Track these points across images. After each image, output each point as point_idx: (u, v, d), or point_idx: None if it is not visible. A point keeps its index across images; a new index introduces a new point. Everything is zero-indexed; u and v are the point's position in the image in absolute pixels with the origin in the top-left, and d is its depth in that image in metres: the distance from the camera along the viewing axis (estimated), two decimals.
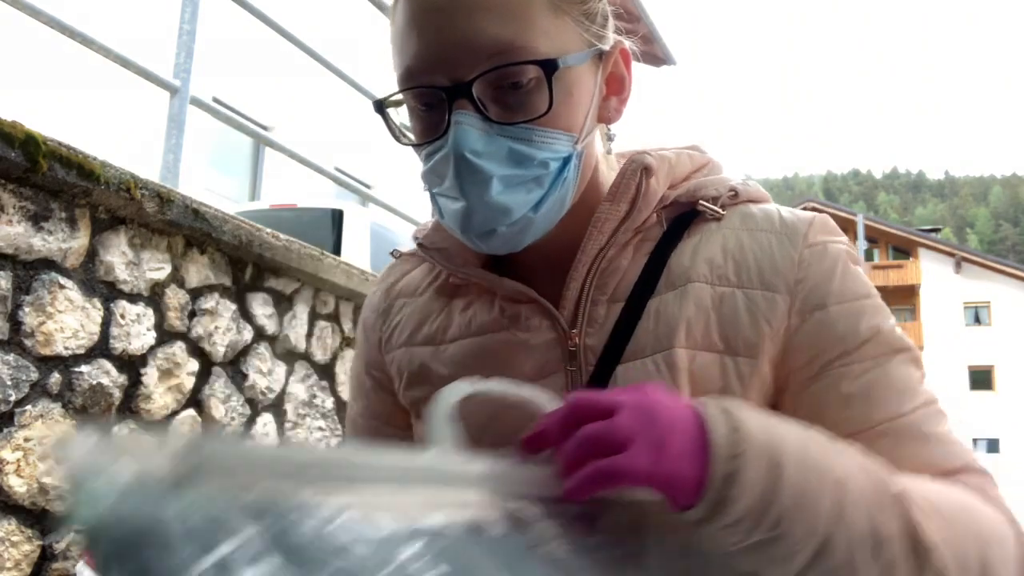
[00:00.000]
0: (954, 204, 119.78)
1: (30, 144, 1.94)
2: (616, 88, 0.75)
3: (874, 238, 34.49)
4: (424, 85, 0.68)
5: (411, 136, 0.72)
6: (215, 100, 3.98)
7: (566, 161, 0.69)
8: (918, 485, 0.64)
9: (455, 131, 0.66)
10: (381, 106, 0.72)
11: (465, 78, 0.66)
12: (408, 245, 0.87)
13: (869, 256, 34.51)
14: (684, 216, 0.76)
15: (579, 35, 0.70)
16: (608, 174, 0.78)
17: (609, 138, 0.79)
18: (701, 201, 0.76)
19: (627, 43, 0.76)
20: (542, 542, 0.58)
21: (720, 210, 0.76)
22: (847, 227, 35.79)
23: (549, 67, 0.66)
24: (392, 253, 0.87)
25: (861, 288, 0.72)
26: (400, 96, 0.71)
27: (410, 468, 0.56)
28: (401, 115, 0.74)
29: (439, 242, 0.80)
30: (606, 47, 0.73)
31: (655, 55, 17.40)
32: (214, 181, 8.80)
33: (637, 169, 0.74)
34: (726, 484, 0.56)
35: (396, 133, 0.73)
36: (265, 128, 7.99)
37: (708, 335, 0.71)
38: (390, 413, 0.85)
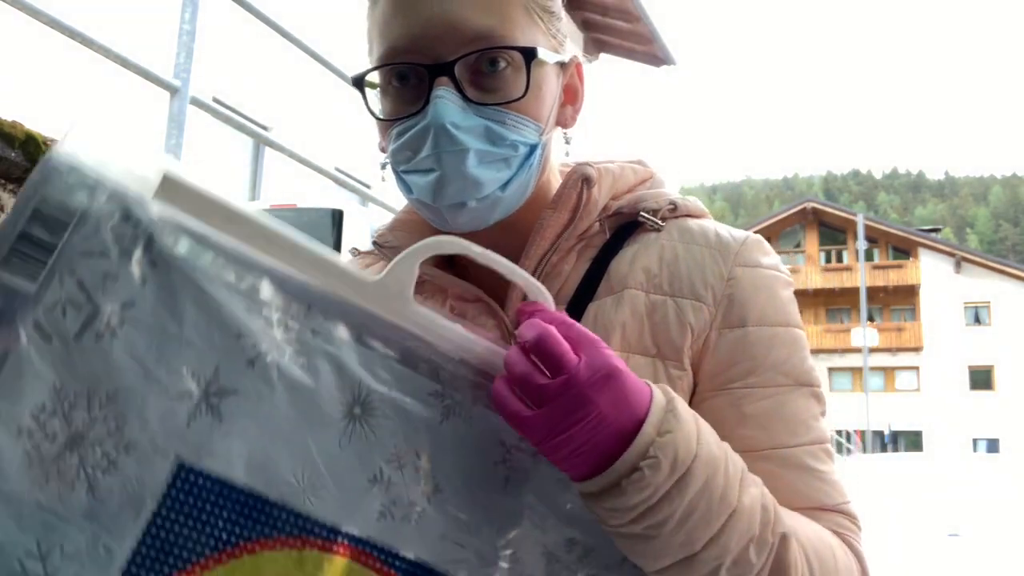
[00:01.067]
0: (954, 204, 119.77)
1: (30, 144, 1.94)
2: (571, 97, 0.81)
3: (874, 238, 34.49)
4: (406, 62, 0.72)
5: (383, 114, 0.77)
6: (215, 100, 3.98)
7: (532, 148, 0.74)
8: (801, 527, 0.67)
9: (436, 104, 0.70)
10: (360, 82, 0.76)
11: (447, 59, 0.71)
12: None
13: (869, 256, 34.51)
14: (626, 226, 0.81)
15: (547, 39, 0.76)
16: (554, 184, 0.83)
17: (566, 141, 0.83)
18: (642, 212, 0.80)
19: (581, 58, 0.81)
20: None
21: (660, 222, 0.80)
22: (847, 227, 35.80)
23: (528, 54, 0.72)
24: (351, 251, 0.91)
25: (783, 316, 0.76)
26: (375, 76, 0.76)
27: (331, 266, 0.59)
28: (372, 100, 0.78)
29: (393, 242, 0.84)
30: (567, 58, 0.79)
31: (655, 55, 17.40)
32: (214, 181, 8.79)
33: (579, 180, 0.79)
34: (632, 478, 0.58)
35: (372, 108, 0.77)
36: (265, 128, 7.99)
37: (642, 339, 0.75)
38: None
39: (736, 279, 0.75)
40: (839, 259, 36.50)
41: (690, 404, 0.73)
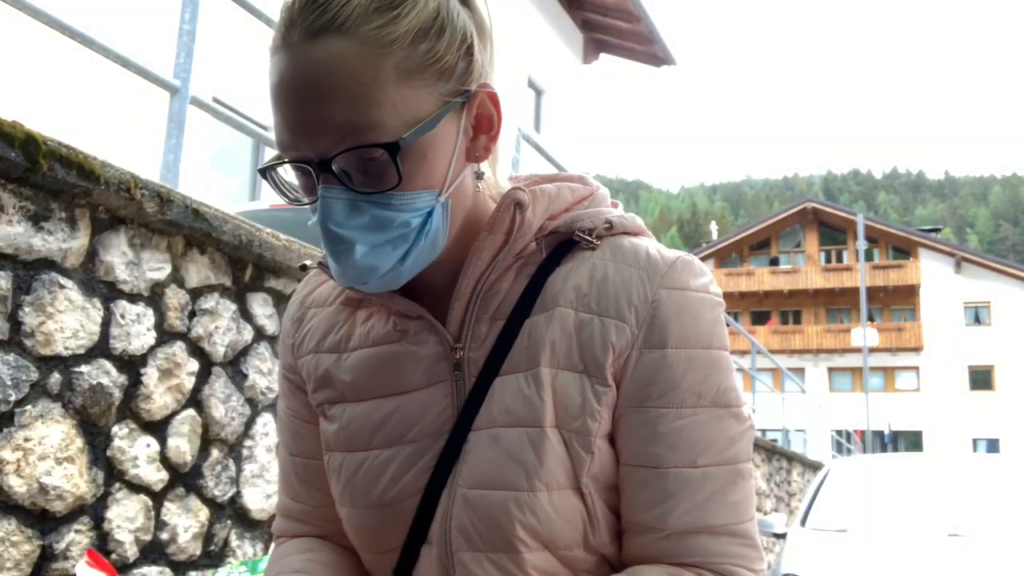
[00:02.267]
0: (954, 204, 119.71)
1: (30, 144, 1.94)
2: (485, 127, 0.79)
3: (874, 238, 34.48)
4: (293, 159, 0.73)
5: (298, 193, 0.78)
6: (215, 100, 3.98)
7: (429, 215, 0.74)
8: None
9: (321, 204, 0.72)
10: (264, 172, 0.78)
11: (325, 154, 0.71)
12: None
13: (869, 256, 34.51)
14: (564, 244, 0.82)
15: (434, 96, 0.73)
16: (490, 206, 0.84)
17: (478, 175, 0.82)
18: (577, 232, 0.82)
19: (491, 83, 0.79)
20: None
21: (594, 240, 0.82)
22: (847, 227, 35.80)
23: (392, 149, 0.70)
24: (300, 267, 0.92)
25: (704, 338, 0.77)
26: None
27: None
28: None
29: None
30: (467, 95, 0.76)
31: (655, 55, 17.41)
32: (214, 181, 8.80)
33: (511, 204, 0.79)
34: None
35: (285, 193, 0.78)
36: (265, 128, 7.99)
37: (570, 356, 0.78)
38: (306, 411, 0.92)
39: (660, 301, 0.77)
40: (839, 259, 36.48)
41: (612, 418, 0.78)
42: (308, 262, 0.90)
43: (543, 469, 0.75)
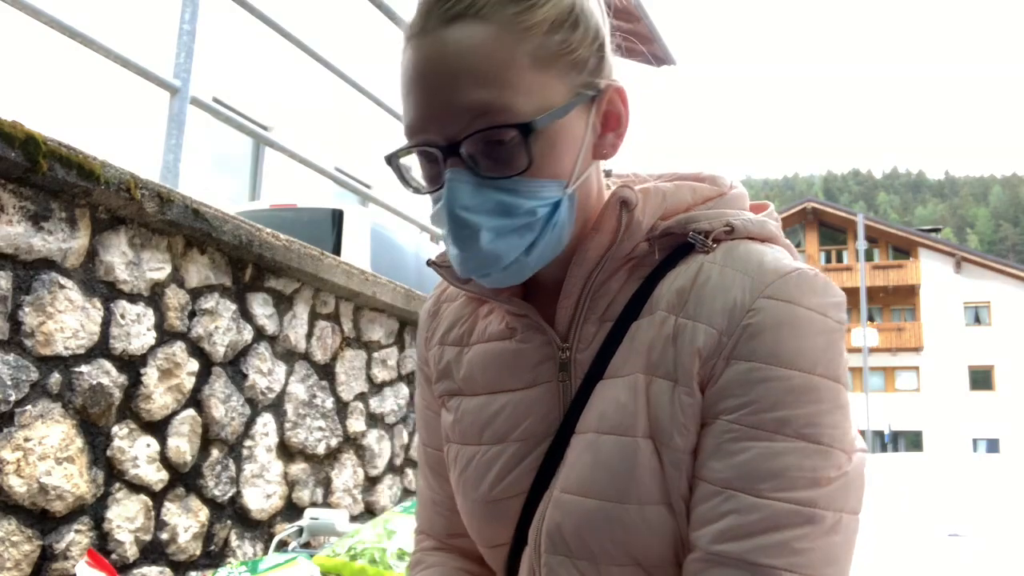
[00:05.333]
0: (954, 204, 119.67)
1: (30, 144, 1.94)
2: (613, 124, 0.78)
3: (874, 238, 34.48)
4: (421, 143, 0.74)
5: (421, 183, 0.78)
6: (215, 100, 3.97)
7: (556, 206, 0.73)
8: None
9: (447, 188, 0.72)
10: (391, 159, 0.78)
11: (455, 137, 0.71)
12: (407, 245, 0.93)
13: (869, 256, 34.50)
14: (682, 247, 0.78)
15: (565, 86, 0.73)
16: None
17: (607, 174, 0.83)
18: (692, 233, 0.77)
19: (621, 82, 0.79)
20: None
21: (709, 243, 0.77)
22: (847, 227, 35.80)
23: (524, 130, 0.70)
24: (427, 262, 0.93)
25: (808, 362, 0.69)
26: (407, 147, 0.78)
27: None
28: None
29: (448, 261, 0.84)
30: (597, 90, 0.76)
31: (655, 55, 17.38)
32: (214, 181, 8.80)
33: (617, 203, 0.77)
34: None
35: (408, 182, 0.79)
36: (265, 128, 7.99)
37: (664, 362, 0.73)
38: (436, 403, 0.94)
39: (758, 310, 0.70)
40: (839, 259, 36.48)
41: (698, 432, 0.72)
42: (431, 258, 0.91)
43: (634, 481, 0.72)
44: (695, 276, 0.75)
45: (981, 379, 33.23)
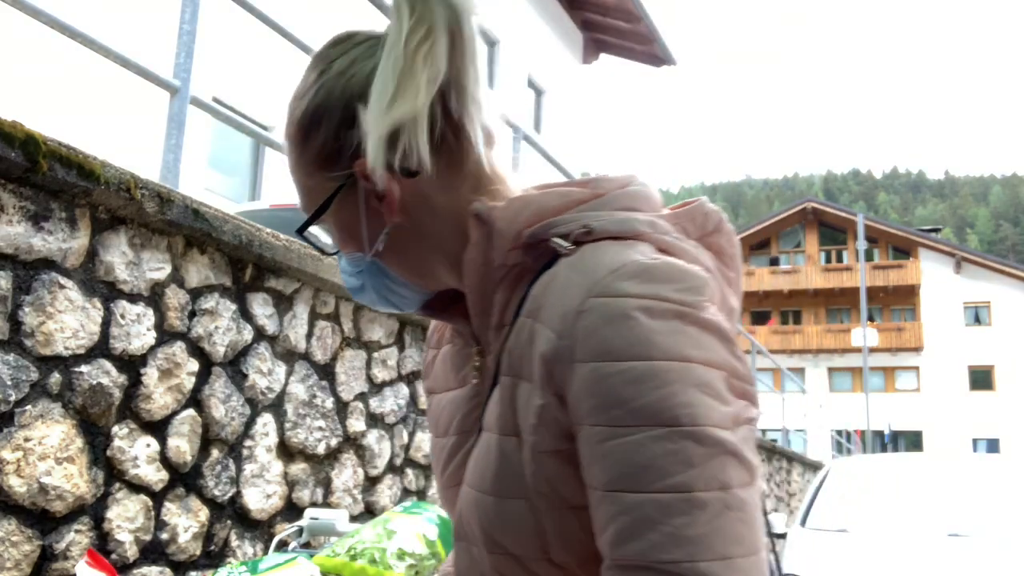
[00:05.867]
0: (954, 204, 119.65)
1: (30, 144, 1.94)
2: (379, 196, 0.84)
3: (874, 238, 34.47)
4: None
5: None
6: (215, 100, 3.97)
7: (371, 265, 0.87)
8: None
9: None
10: (302, 232, 0.88)
11: None
12: None
13: (869, 256, 34.51)
14: (556, 251, 0.79)
15: (327, 183, 0.84)
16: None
17: (386, 235, 0.92)
18: (553, 238, 0.78)
19: (365, 155, 0.82)
20: None
21: (569, 246, 0.77)
22: (847, 227, 35.79)
23: (299, 232, 0.87)
24: None
25: (643, 349, 0.68)
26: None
27: None
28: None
29: None
30: (347, 176, 0.84)
31: (655, 55, 17.40)
32: (214, 181, 8.80)
33: (472, 217, 0.82)
34: None
35: (322, 248, 0.93)
36: (265, 128, 7.99)
37: (524, 365, 0.76)
38: None
39: (588, 310, 0.70)
40: (839, 259, 36.47)
41: (567, 436, 0.73)
42: None
43: (494, 476, 0.77)
44: (548, 280, 0.76)
45: (981, 379, 33.22)
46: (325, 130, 0.83)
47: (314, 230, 0.87)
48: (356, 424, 3.17)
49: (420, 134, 0.77)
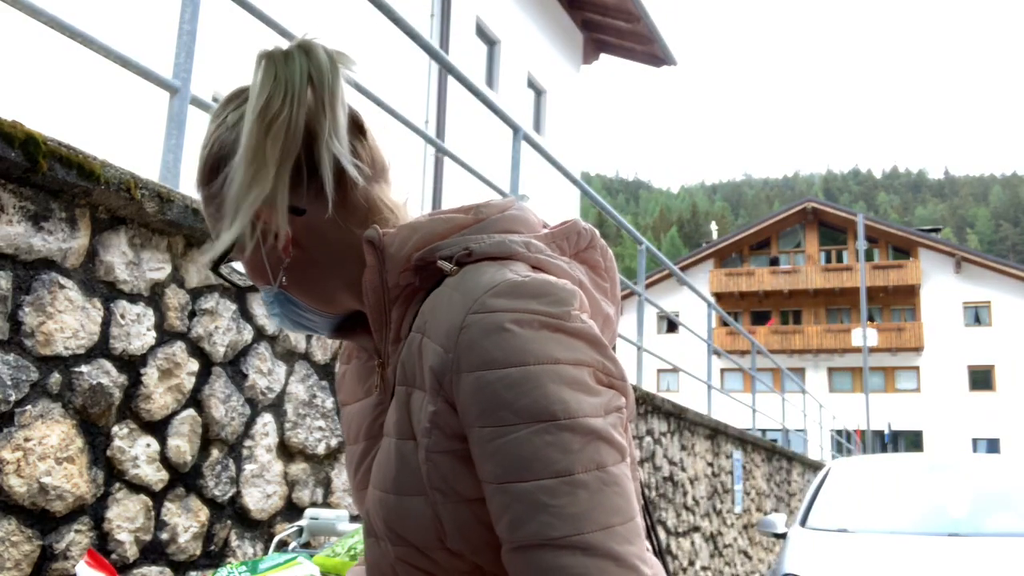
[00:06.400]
0: (954, 204, 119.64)
1: (30, 144, 1.94)
2: (272, 239, 0.93)
3: (874, 238, 34.48)
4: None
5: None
6: (215, 100, 3.97)
7: (278, 296, 0.96)
8: None
9: None
10: (216, 269, 0.96)
11: None
12: None
13: (869, 256, 34.51)
14: (438, 273, 0.89)
15: (227, 232, 0.90)
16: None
17: (282, 272, 0.99)
18: (438, 260, 0.88)
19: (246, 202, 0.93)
20: None
21: (452, 267, 0.87)
22: (847, 227, 35.79)
23: (214, 268, 0.94)
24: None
25: (518, 356, 0.77)
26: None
27: None
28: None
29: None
30: (235, 225, 0.91)
31: (655, 55, 17.40)
32: None
33: (365, 242, 0.91)
34: None
35: (235, 281, 1.07)
36: None
37: (416, 375, 0.84)
38: None
39: (468, 326, 0.79)
40: (839, 259, 36.47)
41: (460, 437, 0.81)
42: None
43: (395, 476, 0.85)
44: (434, 299, 0.85)
45: (981, 379, 33.22)
46: (222, 178, 0.91)
47: (227, 265, 0.96)
48: None
49: (282, 202, 0.88)
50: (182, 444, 2.40)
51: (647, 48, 17.03)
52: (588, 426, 0.77)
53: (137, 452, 2.25)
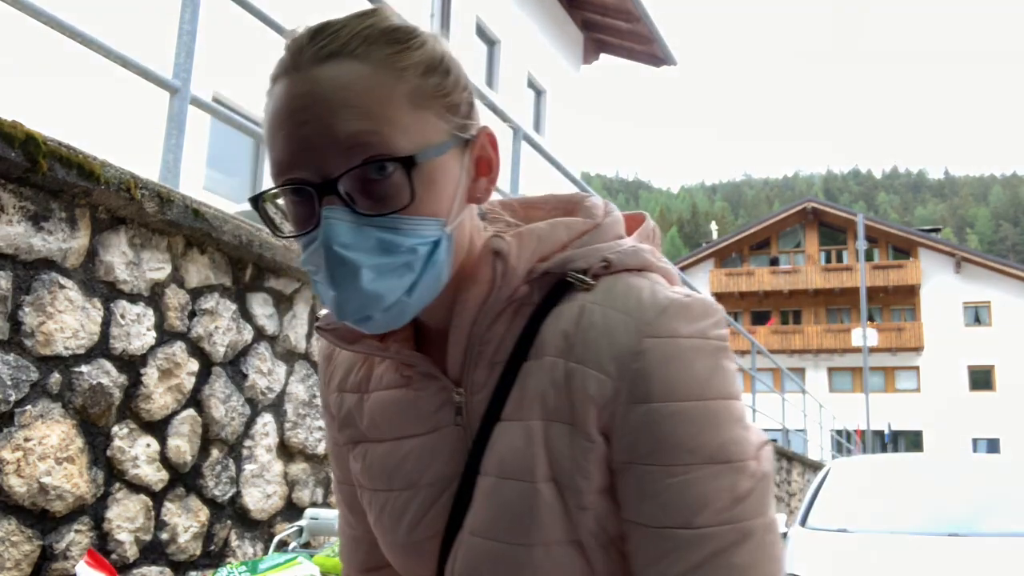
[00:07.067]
0: (954, 204, 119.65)
1: (30, 144, 1.94)
2: (484, 169, 0.79)
3: (874, 238, 34.47)
4: (294, 181, 0.72)
5: (288, 227, 0.76)
6: (215, 100, 3.97)
7: (436, 244, 0.73)
8: None
9: (325, 226, 0.70)
10: (257, 202, 0.76)
11: (331, 174, 0.70)
12: None
13: (869, 256, 34.50)
14: (560, 284, 0.78)
15: (441, 127, 0.74)
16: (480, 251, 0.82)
17: (482, 216, 0.82)
18: (570, 273, 0.78)
19: (489, 127, 0.79)
20: None
21: (589, 281, 0.77)
22: (847, 227, 35.79)
23: (407, 163, 0.70)
24: (316, 328, 0.92)
25: (696, 390, 0.71)
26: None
27: None
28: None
29: (334, 322, 0.84)
30: (470, 135, 0.77)
31: (655, 55, 17.40)
32: (214, 181, 8.80)
33: (489, 254, 0.78)
34: None
35: (275, 228, 0.76)
36: None
37: (560, 408, 0.74)
38: (343, 440, 0.94)
39: (644, 352, 0.72)
40: (839, 259, 36.47)
41: (609, 472, 0.73)
42: (319, 323, 0.89)
43: (535, 524, 0.74)
44: (578, 318, 0.75)
45: (981, 379, 33.21)
46: (455, 73, 0.76)
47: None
48: None
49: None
50: (182, 444, 2.40)
51: (647, 48, 17.03)
52: (756, 469, 0.72)
53: (137, 452, 2.25)
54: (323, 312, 0.89)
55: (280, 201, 0.77)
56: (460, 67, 0.77)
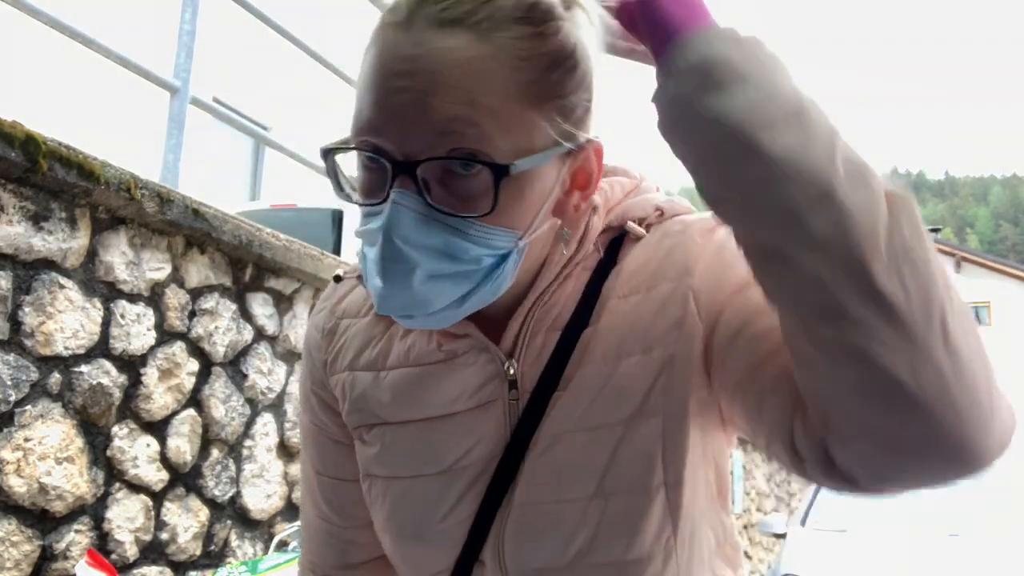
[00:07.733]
0: (954, 204, 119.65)
1: (30, 144, 1.94)
2: (582, 183, 0.72)
3: None
4: (373, 148, 0.65)
5: (354, 187, 0.71)
6: (215, 100, 3.98)
7: (503, 258, 0.67)
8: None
9: (390, 210, 0.63)
10: (329, 153, 0.70)
11: (413, 155, 0.63)
12: None
13: None
14: (616, 240, 0.77)
15: (546, 132, 0.66)
16: None
17: (564, 240, 0.75)
18: (629, 223, 0.77)
19: (600, 140, 0.73)
20: None
21: (645, 231, 0.77)
22: None
23: (499, 172, 0.63)
24: (335, 278, 0.86)
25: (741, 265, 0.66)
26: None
27: None
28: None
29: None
30: (577, 143, 0.69)
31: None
32: (214, 181, 8.80)
33: (588, 208, 0.75)
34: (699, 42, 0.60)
35: (342, 185, 0.71)
36: (265, 128, 7.99)
37: (624, 343, 0.72)
38: (338, 430, 0.86)
39: (685, 242, 0.74)
40: None
41: (709, 360, 0.71)
42: (341, 272, 0.84)
43: (609, 475, 0.70)
44: (641, 259, 0.75)
45: None
46: (582, 69, 0.67)
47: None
48: None
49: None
50: (182, 444, 2.40)
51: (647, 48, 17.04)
52: None
53: (137, 452, 2.25)
54: (345, 270, 0.85)
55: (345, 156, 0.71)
56: (590, 60, 0.68)
